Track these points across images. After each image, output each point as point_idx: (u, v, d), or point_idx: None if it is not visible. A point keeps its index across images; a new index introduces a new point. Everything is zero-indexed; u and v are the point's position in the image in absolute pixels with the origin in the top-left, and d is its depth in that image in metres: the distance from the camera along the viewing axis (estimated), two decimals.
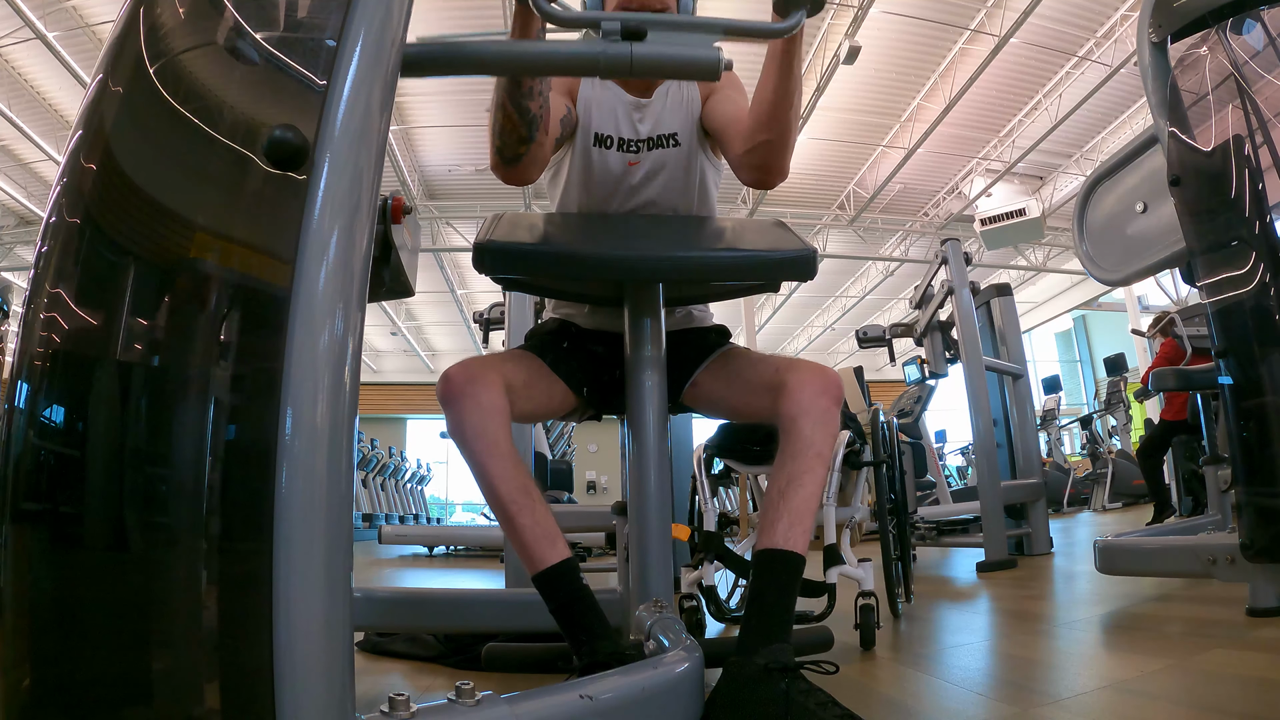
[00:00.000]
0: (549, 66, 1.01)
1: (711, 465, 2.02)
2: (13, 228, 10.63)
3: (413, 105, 8.91)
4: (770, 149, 1.22)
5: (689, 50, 0.87)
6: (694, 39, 0.87)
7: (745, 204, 10.87)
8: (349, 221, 0.65)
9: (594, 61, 0.86)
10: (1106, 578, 2.31)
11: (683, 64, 0.88)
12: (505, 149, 1.17)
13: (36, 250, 0.66)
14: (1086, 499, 7.97)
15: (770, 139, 1.20)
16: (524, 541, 1.13)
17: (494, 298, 4.62)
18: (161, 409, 0.61)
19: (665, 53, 0.86)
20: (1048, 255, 13.27)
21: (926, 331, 4.10)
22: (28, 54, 7.26)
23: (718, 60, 0.86)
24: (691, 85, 1.41)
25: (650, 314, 1.25)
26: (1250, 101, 1.85)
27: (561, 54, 0.91)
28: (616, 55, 0.85)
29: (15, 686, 0.57)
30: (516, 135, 1.15)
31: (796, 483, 1.11)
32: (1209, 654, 1.44)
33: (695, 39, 0.87)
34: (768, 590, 1.07)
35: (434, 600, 1.76)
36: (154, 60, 0.68)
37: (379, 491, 11.05)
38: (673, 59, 0.87)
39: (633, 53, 0.85)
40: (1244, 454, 1.75)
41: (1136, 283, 7.36)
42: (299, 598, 0.58)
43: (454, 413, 1.13)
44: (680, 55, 0.87)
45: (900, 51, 8.21)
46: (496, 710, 0.70)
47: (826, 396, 1.16)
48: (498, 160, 1.20)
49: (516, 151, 1.17)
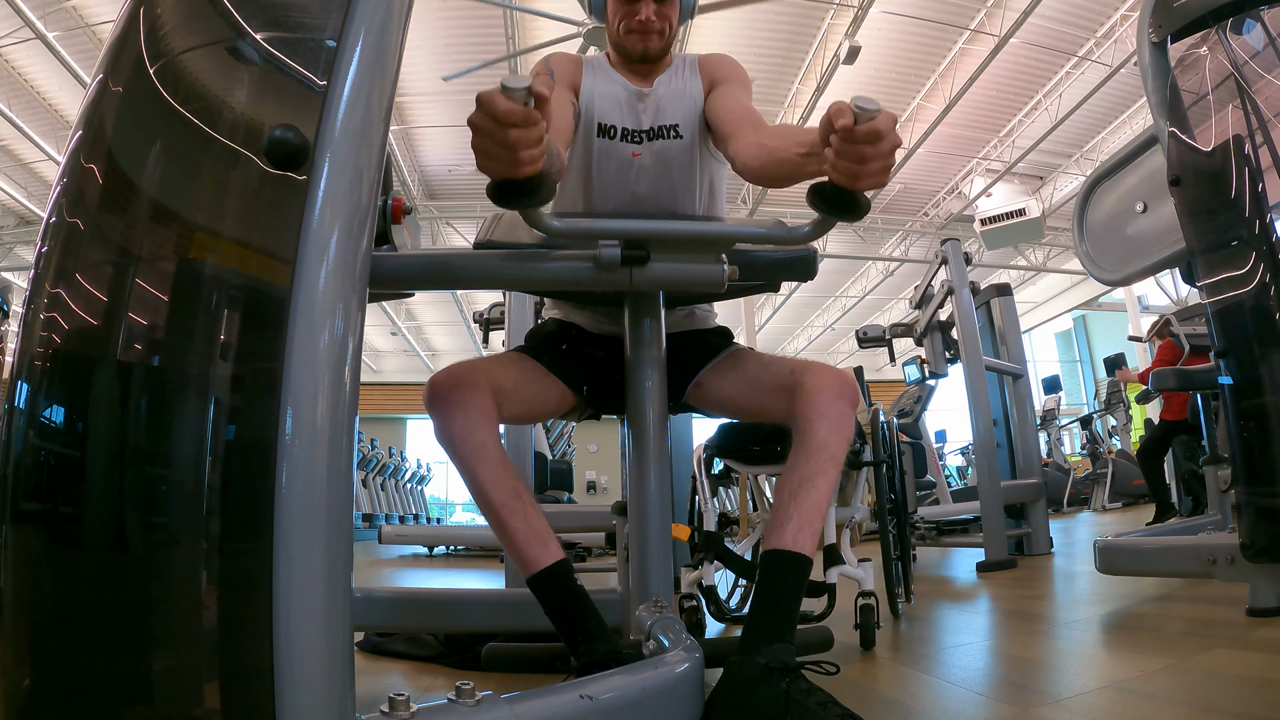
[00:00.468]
0: (544, 284, 1.01)
1: (711, 465, 2.02)
2: (13, 228, 10.62)
3: (413, 105, 8.90)
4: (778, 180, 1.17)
5: (694, 270, 0.86)
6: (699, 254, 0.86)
7: (745, 204, 10.87)
8: (349, 221, 0.65)
9: (594, 285, 0.86)
10: (1106, 578, 2.31)
11: (687, 284, 0.88)
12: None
13: (36, 250, 0.66)
14: (1086, 499, 7.97)
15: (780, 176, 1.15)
16: (516, 545, 1.13)
17: (494, 298, 4.62)
18: (161, 409, 0.61)
19: (668, 274, 0.86)
20: (1048, 255, 13.27)
21: (926, 331, 4.10)
22: (28, 54, 7.25)
23: (723, 276, 0.85)
24: (695, 76, 1.38)
25: (650, 314, 1.25)
26: (1250, 101, 1.85)
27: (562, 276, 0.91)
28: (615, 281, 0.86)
29: (15, 686, 0.57)
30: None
31: (809, 485, 1.10)
32: (1209, 654, 1.44)
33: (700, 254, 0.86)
34: (773, 591, 1.07)
35: (434, 600, 1.76)
36: (154, 60, 0.68)
37: (379, 491, 11.05)
38: (677, 280, 0.87)
39: (632, 277, 0.86)
40: (1244, 454, 1.75)
41: (1136, 283, 7.36)
42: (299, 598, 0.58)
43: (440, 419, 1.13)
44: (685, 275, 0.86)
45: (900, 51, 8.20)
46: (496, 710, 0.70)
47: (843, 400, 1.16)
48: None
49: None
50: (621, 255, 0.85)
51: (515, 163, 0.77)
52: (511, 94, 0.74)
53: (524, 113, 0.75)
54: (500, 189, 0.81)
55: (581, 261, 0.91)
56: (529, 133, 0.76)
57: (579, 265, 0.90)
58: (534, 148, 0.78)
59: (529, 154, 0.77)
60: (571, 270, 0.91)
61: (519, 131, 0.75)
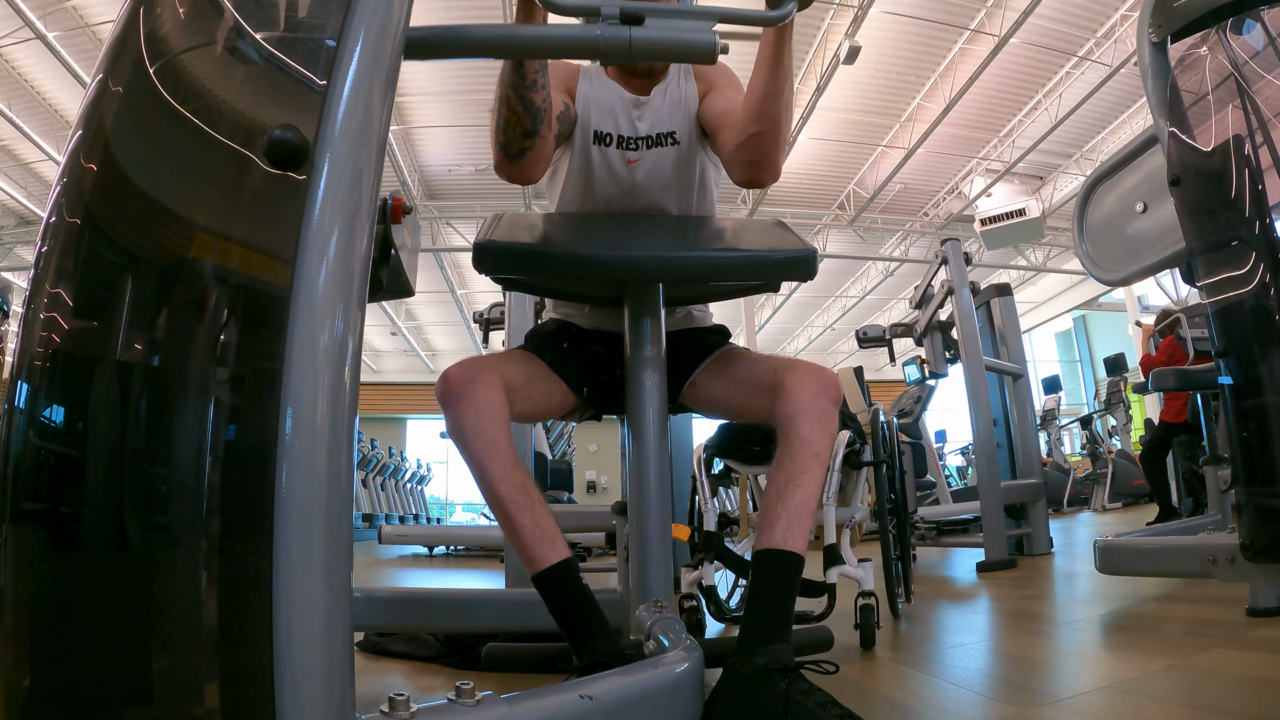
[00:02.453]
0: (549, 49, 1.02)
1: (711, 465, 2.02)
2: (13, 228, 10.63)
3: (413, 105, 8.91)
4: (762, 141, 1.22)
5: (687, 34, 0.88)
6: (691, 25, 0.88)
7: (745, 204, 10.87)
8: (349, 221, 0.65)
9: (594, 45, 0.87)
10: (1106, 578, 2.31)
11: (680, 48, 0.88)
12: (510, 144, 1.17)
13: (36, 250, 0.66)
14: (1086, 499, 7.97)
15: (762, 130, 1.20)
16: (523, 541, 1.13)
17: (494, 298, 4.62)
18: (161, 409, 0.61)
19: (663, 36, 0.87)
20: (1048, 255, 13.27)
21: (926, 331, 4.10)
22: (28, 54, 7.25)
23: (714, 44, 0.87)
24: (690, 84, 1.40)
25: (650, 314, 1.25)
26: (1250, 101, 1.84)
27: (562, 38, 0.91)
28: (615, 39, 0.86)
29: (15, 686, 0.57)
30: (521, 128, 1.15)
31: (795, 483, 1.11)
32: (1209, 654, 1.44)
33: (693, 25, 0.88)
34: (767, 590, 1.07)
35: (434, 600, 1.76)
36: (154, 60, 0.68)
37: (379, 491, 11.05)
38: (671, 43, 0.88)
39: (631, 36, 0.86)
40: (1244, 454, 1.75)
41: (1136, 283, 7.35)
42: (299, 598, 0.58)
43: (453, 413, 1.13)
44: (678, 39, 0.87)
45: (900, 51, 8.21)
46: (496, 710, 0.70)
47: (825, 397, 1.16)
48: (502, 157, 1.20)
49: (521, 146, 1.17)
50: (621, 14, 0.86)
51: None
52: None
53: None
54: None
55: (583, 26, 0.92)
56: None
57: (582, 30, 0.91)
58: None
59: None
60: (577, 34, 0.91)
61: None
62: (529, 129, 1.15)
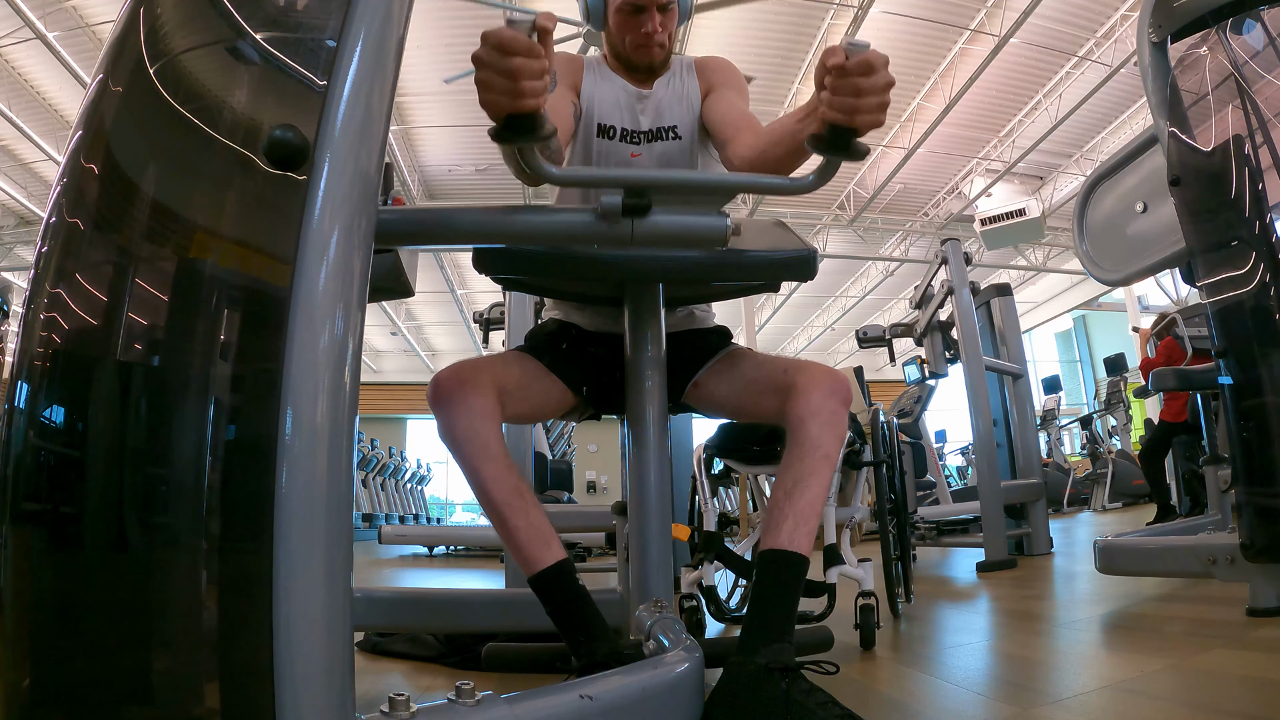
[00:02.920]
0: (545, 238, 0.99)
1: (711, 465, 2.02)
2: (13, 228, 10.62)
3: (413, 105, 8.90)
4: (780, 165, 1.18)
5: (696, 222, 0.84)
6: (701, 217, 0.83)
7: (745, 204, 10.87)
8: (349, 221, 0.65)
9: (597, 239, 0.84)
10: (1106, 578, 2.31)
11: (689, 238, 0.85)
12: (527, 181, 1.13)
13: (36, 250, 0.66)
14: (1086, 499, 7.96)
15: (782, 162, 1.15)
16: (518, 544, 1.13)
17: (494, 298, 4.61)
18: (161, 409, 0.61)
19: (669, 226, 0.84)
20: (1048, 255, 13.27)
21: (926, 331, 4.10)
22: (28, 54, 7.25)
23: (725, 230, 0.84)
24: (691, 79, 1.41)
25: (650, 314, 1.25)
26: (1250, 101, 1.84)
27: (561, 229, 0.89)
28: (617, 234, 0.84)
29: (15, 686, 0.57)
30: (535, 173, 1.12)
31: (803, 484, 1.11)
32: (1209, 654, 1.44)
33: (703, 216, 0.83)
34: (771, 590, 1.07)
35: (434, 600, 1.76)
36: (154, 60, 0.68)
37: (379, 491, 11.05)
38: (678, 233, 0.84)
39: (634, 230, 0.83)
40: (1244, 454, 1.75)
41: (1136, 283, 7.36)
42: (299, 598, 0.58)
43: (444, 417, 1.13)
44: (686, 228, 0.84)
45: (900, 51, 8.19)
46: (496, 710, 0.70)
47: (835, 398, 1.16)
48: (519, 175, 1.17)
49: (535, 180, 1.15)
50: (623, 205, 0.84)
51: (518, 93, 0.77)
52: (516, 26, 0.75)
53: (527, 43, 0.76)
54: (503, 124, 0.80)
55: (581, 214, 0.90)
56: (532, 63, 0.77)
57: (579, 218, 0.89)
58: (537, 79, 0.78)
59: (531, 85, 0.77)
60: (571, 223, 0.89)
61: (522, 60, 0.76)
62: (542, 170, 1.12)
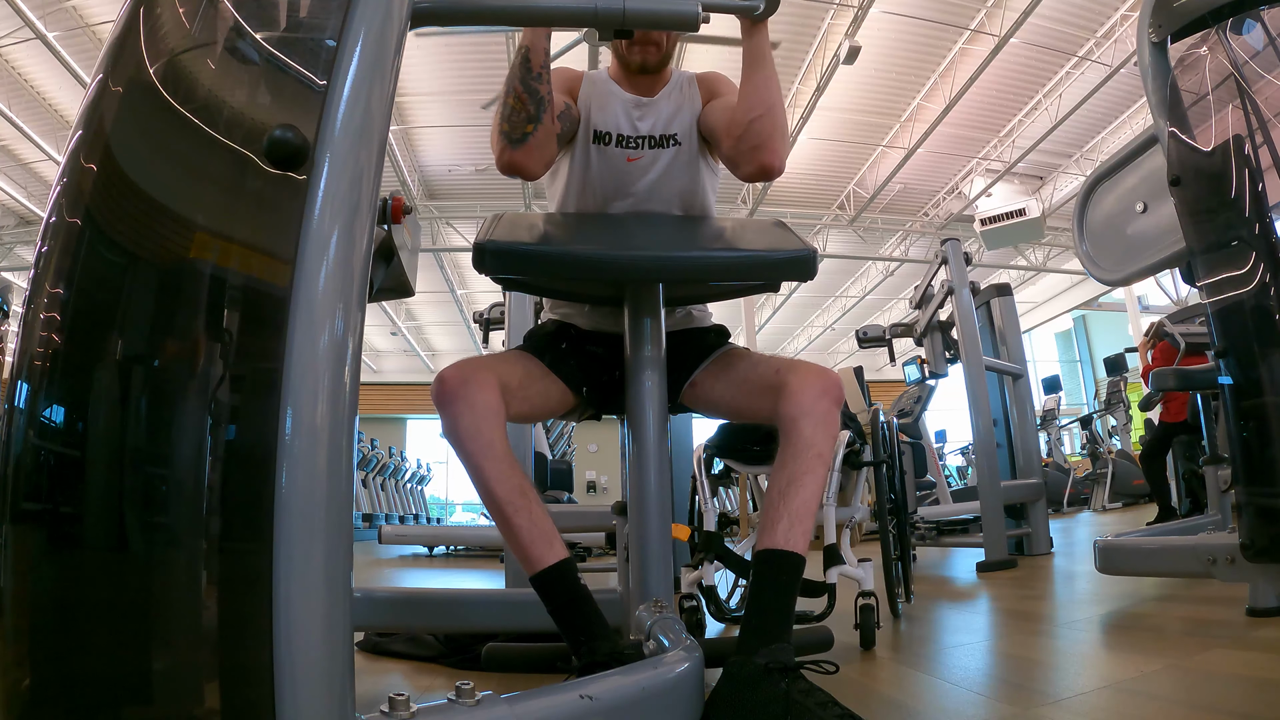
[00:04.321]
0: (549, 18, 1.09)
1: (711, 465, 2.02)
2: (13, 228, 10.62)
3: (413, 105, 8.90)
4: (761, 125, 1.27)
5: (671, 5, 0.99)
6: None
7: (745, 204, 10.87)
8: (349, 221, 0.65)
9: (591, 14, 0.93)
10: (1106, 578, 2.31)
11: (666, 16, 0.99)
12: (513, 130, 1.22)
13: (36, 250, 0.66)
14: (1086, 499, 7.97)
15: (759, 114, 1.26)
16: (521, 542, 1.13)
17: (494, 298, 4.62)
18: (161, 409, 0.61)
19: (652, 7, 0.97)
20: (1048, 255, 13.27)
21: (926, 331, 4.10)
22: (28, 54, 7.25)
23: (696, 14, 0.97)
24: (693, 90, 1.42)
25: (650, 314, 1.25)
26: (1250, 101, 1.85)
27: (561, 7, 0.98)
28: (609, 7, 0.93)
29: (15, 686, 0.57)
30: (525, 113, 1.21)
31: (797, 484, 1.11)
32: (1209, 654, 1.44)
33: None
34: (768, 590, 1.07)
35: (434, 600, 1.76)
36: (154, 60, 0.68)
37: (379, 491, 11.05)
38: (658, 12, 0.98)
39: (625, 7, 0.93)
40: (1244, 454, 1.75)
41: (1136, 283, 7.36)
42: (299, 598, 0.58)
43: (448, 414, 1.13)
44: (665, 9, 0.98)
45: (900, 51, 8.20)
46: (496, 710, 0.70)
47: (827, 398, 1.16)
48: (504, 145, 1.24)
49: (524, 130, 1.22)
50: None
51: None
52: None
53: None
54: None
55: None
56: None
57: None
58: None
59: None
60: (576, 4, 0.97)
61: None
62: (532, 114, 1.21)
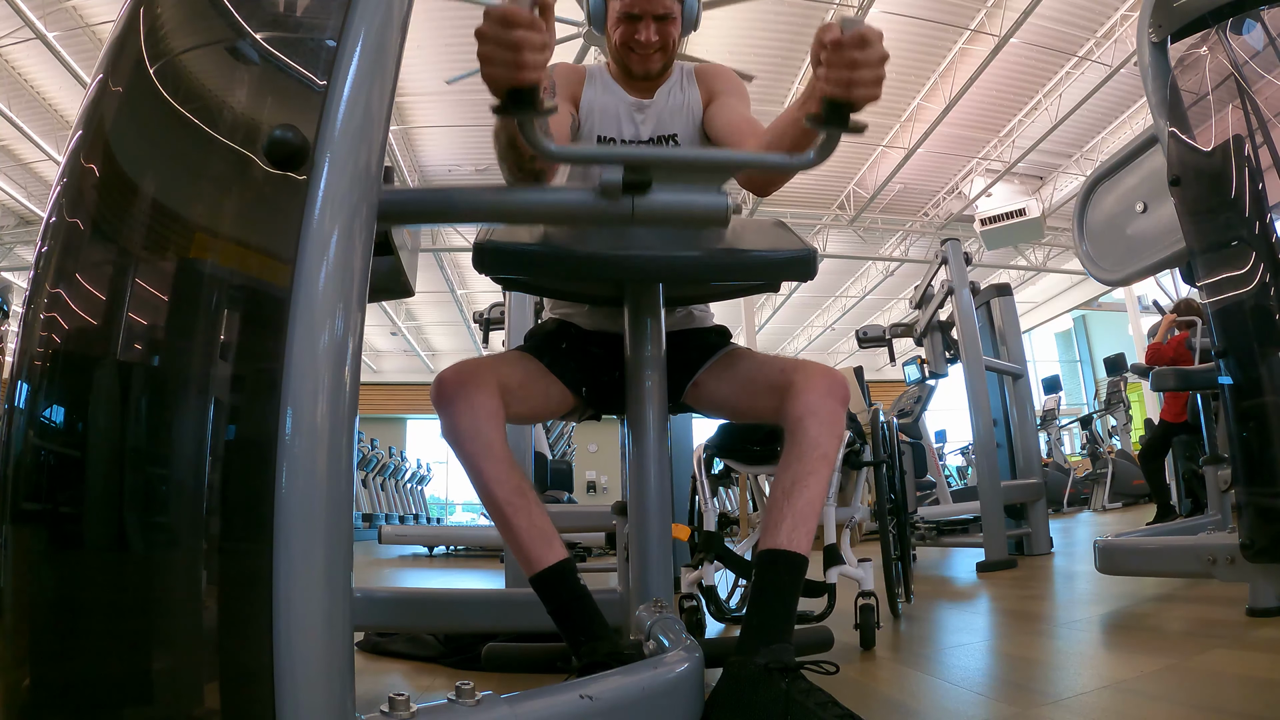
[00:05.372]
0: (545, 216, 0.99)
1: (711, 465, 2.02)
2: (13, 228, 10.62)
3: (413, 105, 8.90)
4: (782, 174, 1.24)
5: (697, 199, 0.83)
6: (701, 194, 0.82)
7: (745, 204, 10.86)
8: (349, 221, 0.65)
9: (596, 217, 0.85)
10: (1106, 578, 2.31)
11: (690, 216, 0.84)
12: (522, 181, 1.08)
13: (36, 250, 0.66)
14: (1086, 499, 7.97)
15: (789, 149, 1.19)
16: (520, 543, 1.13)
17: (494, 298, 4.62)
18: (161, 409, 0.61)
19: (670, 204, 0.83)
20: (1048, 255, 13.27)
21: (926, 331, 4.10)
22: (28, 54, 7.25)
23: (727, 208, 0.84)
24: (693, 87, 1.41)
25: (650, 314, 1.25)
26: (1250, 101, 1.85)
27: (560, 206, 0.89)
28: (618, 212, 0.84)
29: (15, 686, 0.57)
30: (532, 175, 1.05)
31: (801, 484, 1.11)
32: (1209, 654, 1.44)
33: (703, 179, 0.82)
34: (769, 590, 1.07)
35: (434, 600, 1.76)
36: (154, 60, 0.68)
37: (379, 491, 11.05)
38: (679, 211, 0.83)
39: (634, 208, 0.83)
40: (1244, 454, 1.75)
41: (1136, 283, 7.35)
42: (299, 598, 0.58)
43: (448, 415, 1.13)
44: (687, 206, 0.83)
45: (900, 51, 8.19)
46: (496, 710, 0.70)
47: (833, 398, 1.16)
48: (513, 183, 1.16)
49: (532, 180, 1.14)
50: (623, 181, 0.83)
51: (520, 65, 0.79)
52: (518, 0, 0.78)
53: (529, 16, 0.78)
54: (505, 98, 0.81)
55: (581, 192, 0.89)
56: (533, 36, 0.79)
57: (579, 196, 0.88)
58: (538, 52, 0.80)
59: (533, 57, 0.79)
60: (571, 201, 0.89)
61: (524, 33, 0.78)
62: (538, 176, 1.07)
